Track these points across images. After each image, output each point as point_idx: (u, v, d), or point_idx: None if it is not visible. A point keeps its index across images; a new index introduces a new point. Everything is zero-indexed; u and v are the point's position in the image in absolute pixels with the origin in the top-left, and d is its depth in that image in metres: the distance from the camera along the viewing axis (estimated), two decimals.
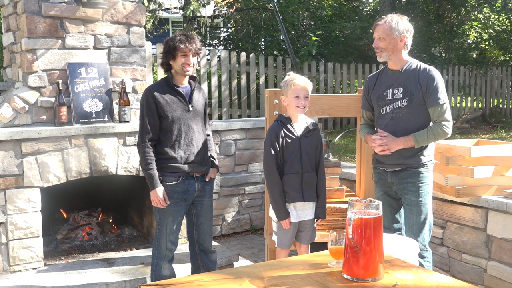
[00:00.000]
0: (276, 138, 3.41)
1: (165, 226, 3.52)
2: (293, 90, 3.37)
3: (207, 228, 3.70)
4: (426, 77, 3.30)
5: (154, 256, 3.60)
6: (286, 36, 10.43)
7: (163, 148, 3.45)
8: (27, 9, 4.22)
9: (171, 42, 3.43)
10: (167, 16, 15.78)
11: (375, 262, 1.88)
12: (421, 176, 3.37)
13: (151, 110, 3.41)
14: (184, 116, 3.48)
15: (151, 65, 8.19)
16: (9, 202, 4.07)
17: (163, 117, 3.43)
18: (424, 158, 3.37)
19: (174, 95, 3.47)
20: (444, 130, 3.29)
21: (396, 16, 3.35)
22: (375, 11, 15.00)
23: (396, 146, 3.34)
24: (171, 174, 3.46)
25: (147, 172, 3.41)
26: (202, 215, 3.67)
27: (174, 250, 3.60)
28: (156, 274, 3.59)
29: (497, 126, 11.13)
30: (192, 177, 3.54)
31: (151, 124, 3.42)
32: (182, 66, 3.43)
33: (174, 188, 3.47)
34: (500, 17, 15.34)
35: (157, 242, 3.57)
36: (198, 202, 3.64)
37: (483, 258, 4.06)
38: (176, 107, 3.45)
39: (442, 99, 3.29)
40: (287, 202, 3.43)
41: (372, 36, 3.42)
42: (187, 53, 3.41)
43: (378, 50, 3.36)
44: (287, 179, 3.42)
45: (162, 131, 3.46)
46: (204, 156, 3.60)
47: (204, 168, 3.59)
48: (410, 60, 3.40)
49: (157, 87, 3.48)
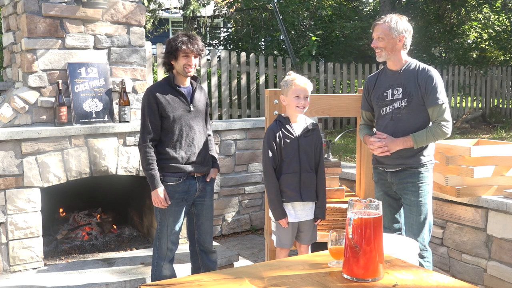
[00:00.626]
0: (273, 138, 3.42)
1: (166, 226, 3.52)
2: (294, 90, 3.37)
3: (207, 228, 3.70)
4: (425, 77, 3.30)
5: (155, 256, 3.60)
6: (286, 36, 10.43)
7: (164, 148, 3.45)
8: (27, 9, 4.22)
9: (173, 42, 3.42)
10: (167, 16, 15.78)
11: (375, 262, 1.88)
12: (421, 176, 3.36)
13: (152, 110, 3.41)
14: (185, 116, 3.48)
15: (151, 65, 8.20)
16: (9, 202, 4.07)
17: (164, 117, 3.43)
18: (424, 158, 3.37)
19: (176, 95, 3.47)
20: (443, 130, 3.29)
21: (395, 16, 3.35)
22: (375, 11, 15.00)
23: (395, 147, 3.34)
24: (172, 174, 3.46)
25: (148, 172, 3.41)
26: (203, 215, 3.67)
27: (175, 250, 3.60)
28: (156, 274, 3.58)
29: (497, 126, 11.12)
30: (193, 177, 3.54)
31: (152, 124, 3.42)
32: (183, 67, 3.43)
33: (175, 188, 3.47)
34: (500, 17, 15.34)
35: (158, 242, 3.56)
36: (198, 202, 3.64)
37: (483, 258, 4.06)
38: (178, 107, 3.45)
39: (441, 99, 3.28)
40: (285, 201, 3.44)
41: (372, 36, 3.42)
42: (189, 54, 3.42)
43: (377, 50, 3.36)
44: (284, 178, 3.42)
45: (163, 131, 3.46)
46: (205, 156, 3.60)
47: (205, 168, 3.59)
48: (409, 60, 3.40)
49: (159, 87, 3.48)
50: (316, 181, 3.50)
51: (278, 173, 3.45)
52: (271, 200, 3.45)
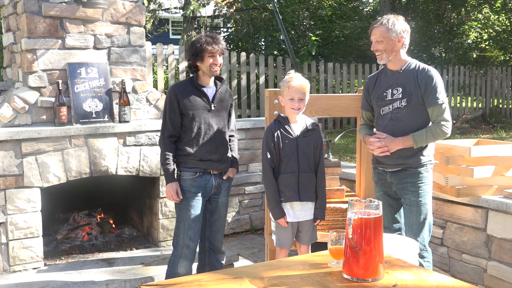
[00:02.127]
0: (272, 138, 3.43)
1: (182, 222, 3.59)
2: (288, 92, 3.37)
3: (219, 226, 3.77)
4: (425, 77, 3.29)
5: (173, 254, 3.66)
6: (286, 36, 10.43)
7: (183, 145, 3.56)
8: (27, 9, 4.22)
9: (197, 44, 3.51)
10: (167, 16, 15.78)
11: (375, 262, 1.88)
12: (421, 176, 3.36)
13: (173, 107, 3.53)
14: (205, 115, 3.56)
15: (151, 65, 8.20)
16: (9, 202, 4.07)
17: (184, 115, 3.54)
18: (423, 158, 3.37)
19: (198, 95, 3.56)
20: (443, 130, 3.29)
21: (392, 17, 3.34)
22: (375, 11, 14.99)
23: (395, 146, 3.33)
24: (188, 169, 3.57)
25: (164, 166, 3.54)
26: (216, 213, 3.74)
27: (194, 248, 3.61)
28: (170, 271, 3.64)
29: (497, 126, 11.13)
30: (209, 173, 3.61)
31: (172, 121, 3.53)
32: (210, 67, 3.52)
33: (192, 183, 3.56)
34: (500, 17, 15.34)
35: (176, 239, 3.64)
36: (213, 199, 3.72)
37: (483, 258, 4.06)
38: (198, 105, 3.54)
39: (441, 99, 3.28)
40: (284, 201, 3.44)
41: (370, 39, 3.42)
42: (214, 53, 3.50)
43: (377, 52, 3.35)
44: (283, 178, 3.43)
45: (183, 128, 3.57)
46: (224, 155, 3.67)
47: (222, 166, 3.66)
48: (409, 60, 3.39)
49: (181, 86, 3.60)
50: (315, 182, 3.49)
51: (277, 173, 3.46)
52: (269, 200, 3.47)
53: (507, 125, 11.45)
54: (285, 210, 3.46)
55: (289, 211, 3.46)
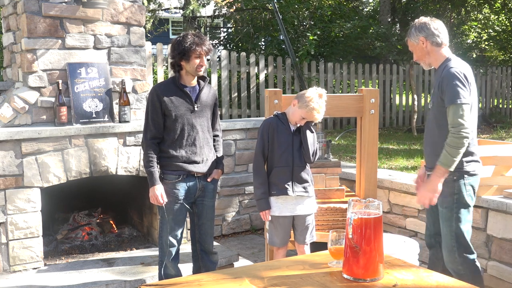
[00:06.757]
0: (267, 129, 3.50)
1: (166, 224, 3.54)
2: (305, 112, 3.42)
3: (208, 229, 3.70)
4: (443, 75, 3.10)
5: (159, 255, 3.65)
6: (286, 36, 10.43)
7: (166, 147, 3.48)
8: (27, 9, 4.21)
9: (185, 43, 3.40)
10: (167, 16, 15.79)
11: (375, 262, 1.88)
12: (452, 185, 3.11)
13: (155, 108, 3.44)
14: (187, 116, 3.48)
15: (151, 65, 8.20)
16: (9, 202, 4.07)
17: (167, 116, 3.45)
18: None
19: (180, 95, 3.47)
20: (458, 136, 2.97)
21: (412, 25, 3.27)
22: (375, 11, 15.00)
23: (433, 187, 3.05)
24: (171, 172, 3.48)
25: (147, 169, 3.46)
26: (203, 216, 3.67)
27: (177, 248, 3.60)
28: (161, 273, 3.63)
29: (497, 126, 11.12)
30: (193, 176, 3.54)
31: (155, 122, 3.45)
32: (196, 68, 3.44)
33: (175, 186, 3.49)
34: (500, 17, 15.34)
35: (160, 241, 3.61)
36: (199, 202, 3.64)
37: (483, 258, 4.05)
38: (180, 106, 3.46)
39: (454, 99, 3.00)
40: (276, 194, 3.47)
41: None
42: (201, 54, 3.43)
43: (419, 62, 3.29)
44: (276, 171, 3.46)
45: (166, 129, 3.48)
46: (207, 156, 3.58)
47: (206, 168, 3.57)
48: (448, 56, 3.19)
49: (163, 86, 3.51)
50: (310, 177, 3.53)
51: (270, 167, 3.50)
52: (257, 189, 3.50)
53: (507, 125, 11.44)
54: (277, 205, 3.47)
55: (281, 206, 3.48)
